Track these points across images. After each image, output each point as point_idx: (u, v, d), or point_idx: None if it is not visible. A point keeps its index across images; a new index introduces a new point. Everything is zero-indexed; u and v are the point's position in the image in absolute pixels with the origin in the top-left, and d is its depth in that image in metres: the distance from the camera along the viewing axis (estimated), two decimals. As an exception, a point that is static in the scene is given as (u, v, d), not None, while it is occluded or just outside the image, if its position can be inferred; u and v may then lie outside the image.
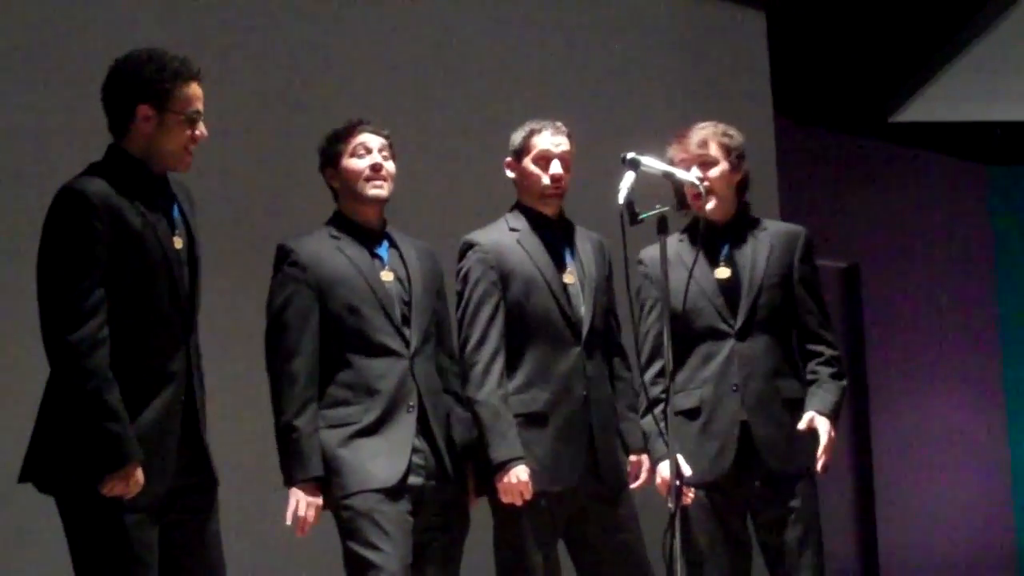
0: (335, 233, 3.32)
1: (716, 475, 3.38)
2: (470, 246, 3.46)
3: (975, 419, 8.16)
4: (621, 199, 3.14)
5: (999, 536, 8.07)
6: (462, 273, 3.45)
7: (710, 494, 3.40)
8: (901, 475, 7.69)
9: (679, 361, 3.43)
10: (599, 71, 5.60)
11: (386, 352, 3.22)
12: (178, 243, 2.87)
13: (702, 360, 3.45)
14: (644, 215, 3.18)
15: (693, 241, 3.52)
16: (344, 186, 3.35)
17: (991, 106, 7.65)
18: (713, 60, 6.03)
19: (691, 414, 3.43)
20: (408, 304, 3.29)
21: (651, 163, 3.22)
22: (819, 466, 3.36)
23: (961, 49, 6.73)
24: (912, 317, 7.96)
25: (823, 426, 3.35)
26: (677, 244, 3.53)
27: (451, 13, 5.25)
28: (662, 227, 3.19)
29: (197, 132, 2.86)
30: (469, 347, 3.37)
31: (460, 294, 3.44)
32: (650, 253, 3.50)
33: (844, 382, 3.48)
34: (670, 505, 3.05)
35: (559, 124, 3.52)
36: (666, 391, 3.16)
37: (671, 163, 3.47)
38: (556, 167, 3.47)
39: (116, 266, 2.74)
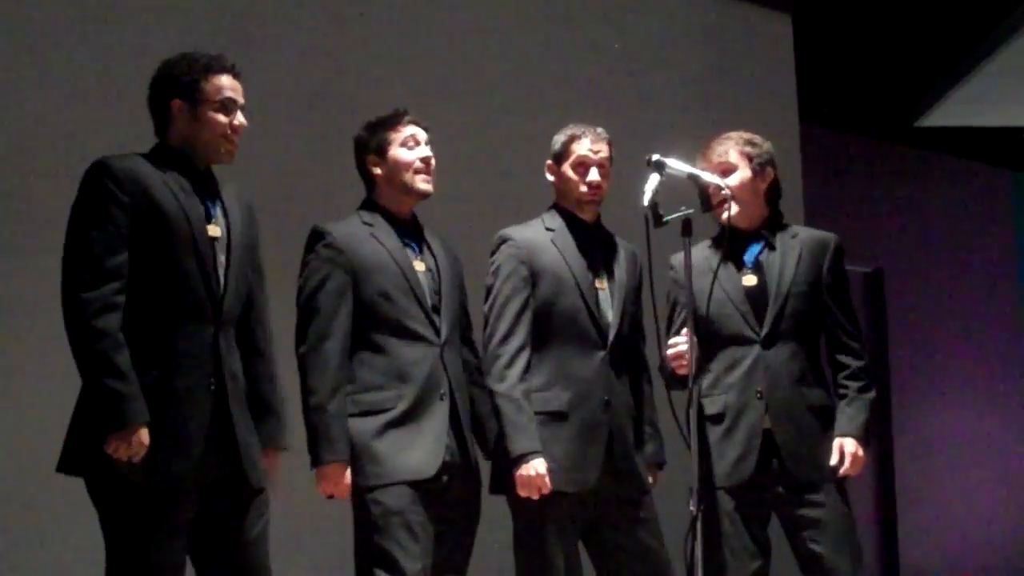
0: (368, 220, 3.31)
1: (735, 481, 3.40)
2: (504, 240, 3.46)
3: (998, 425, 8.11)
4: (646, 201, 3.15)
5: (1022, 544, 8.03)
6: (494, 267, 3.45)
7: (733, 498, 3.40)
8: (923, 481, 7.65)
9: (705, 366, 3.47)
10: (624, 74, 5.59)
11: (418, 339, 3.22)
12: (214, 231, 2.89)
13: (727, 366, 3.46)
14: (668, 217, 3.19)
15: (720, 247, 3.54)
16: (389, 176, 3.34)
17: (1018, 111, 7.61)
18: (739, 63, 6.02)
19: (715, 419, 3.45)
20: (439, 294, 3.31)
21: (676, 165, 3.23)
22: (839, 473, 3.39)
23: (988, 53, 6.70)
24: (936, 322, 7.92)
25: (849, 447, 3.39)
26: (706, 250, 3.56)
27: (476, 12, 5.26)
28: (686, 230, 3.20)
29: (235, 122, 2.93)
30: (495, 340, 3.36)
31: (490, 288, 3.44)
32: (680, 258, 3.51)
33: (872, 394, 3.50)
34: (692, 508, 3.05)
35: (600, 130, 3.52)
36: (691, 395, 3.15)
37: None
38: (594, 174, 3.47)
39: (140, 236, 2.77)
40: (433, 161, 3.36)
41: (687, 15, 5.95)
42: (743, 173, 3.53)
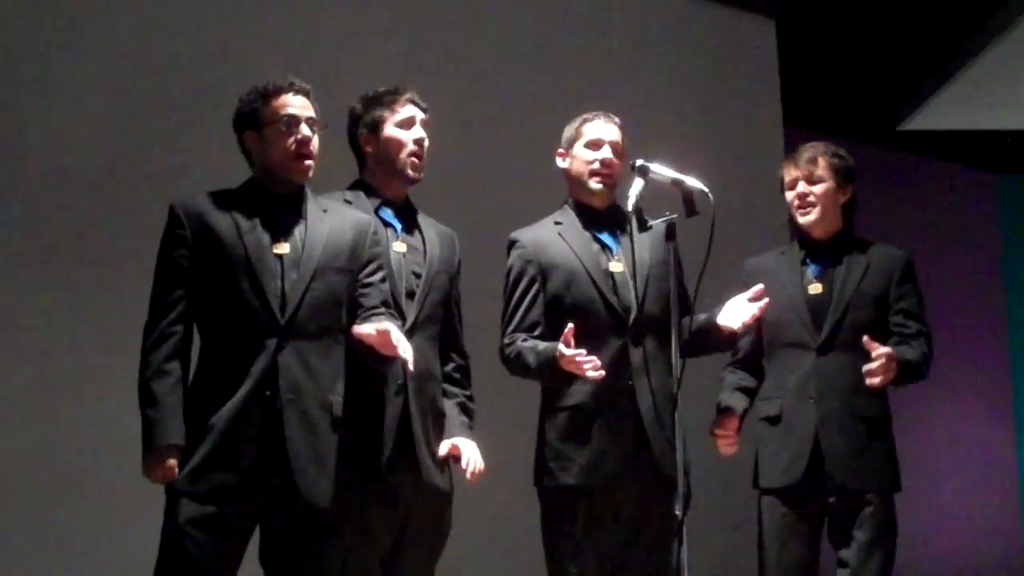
0: (349, 198, 3.22)
1: (786, 483, 3.48)
2: (511, 244, 3.47)
3: (984, 428, 8.12)
4: (630, 206, 3.15)
5: (1007, 546, 8.03)
6: (507, 271, 3.45)
7: (784, 500, 3.49)
8: (908, 484, 7.62)
9: (767, 369, 3.61)
10: (608, 79, 5.59)
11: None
12: (281, 249, 2.88)
13: (786, 370, 3.55)
14: (652, 222, 3.20)
15: (791, 253, 3.64)
16: (380, 155, 3.27)
17: (1001, 114, 7.63)
18: (723, 68, 6.03)
19: (772, 421, 3.54)
20: (418, 277, 3.20)
21: (660, 170, 3.23)
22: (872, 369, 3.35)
23: (971, 57, 6.72)
24: (921, 325, 7.90)
25: (887, 355, 3.36)
26: (780, 257, 3.67)
27: (463, 15, 5.25)
28: (670, 234, 3.20)
29: (299, 136, 2.93)
30: (503, 335, 3.38)
31: (503, 290, 3.44)
32: (753, 262, 3.69)
33: (923, 365, 3.62)
34: (677, 512, 3.04)
35: (612, 115, 3.52)
36: (675, 398, 3.15)
37: (783, 181, 3.63)
38: (606, 151, 3.44)
39: (200, 267, 2.85)
40: (427, 145, 3.29)
41: (671, 20, 5.95)
42: (828, 183, 3.62)
